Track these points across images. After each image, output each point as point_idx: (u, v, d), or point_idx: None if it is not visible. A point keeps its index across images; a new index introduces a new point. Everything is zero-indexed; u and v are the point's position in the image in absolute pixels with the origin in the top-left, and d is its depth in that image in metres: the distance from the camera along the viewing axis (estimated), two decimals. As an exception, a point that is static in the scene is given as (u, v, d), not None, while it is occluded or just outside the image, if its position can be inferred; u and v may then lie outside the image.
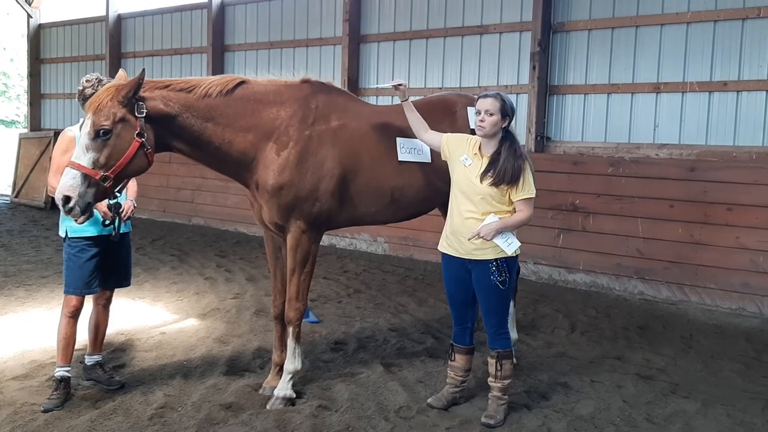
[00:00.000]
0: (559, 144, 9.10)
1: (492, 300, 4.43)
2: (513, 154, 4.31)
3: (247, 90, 4.59)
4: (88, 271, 4.67)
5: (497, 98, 4.34)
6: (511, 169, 4.26)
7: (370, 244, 10.45)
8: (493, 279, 4.34)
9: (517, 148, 4.36)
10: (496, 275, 4.34)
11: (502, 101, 4.33)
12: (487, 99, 4.36)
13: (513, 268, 4.47)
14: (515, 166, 4.27)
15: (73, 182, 3.99)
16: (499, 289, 4.37)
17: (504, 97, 4.37)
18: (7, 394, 4.74)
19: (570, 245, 8.55)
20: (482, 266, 4.37)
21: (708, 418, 4.69)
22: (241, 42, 12.91)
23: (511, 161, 4.28)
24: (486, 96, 4.38)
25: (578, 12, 8.89)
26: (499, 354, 4.50)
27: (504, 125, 4.35)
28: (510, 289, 4.52)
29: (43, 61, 17.17)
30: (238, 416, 4.47)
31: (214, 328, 6.45)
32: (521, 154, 4.34)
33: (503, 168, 4.27)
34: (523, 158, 4.34)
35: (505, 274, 4.35)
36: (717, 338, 6.64)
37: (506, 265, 4.36)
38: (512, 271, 4.45)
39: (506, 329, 4.57)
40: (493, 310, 4.46)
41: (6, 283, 7.90)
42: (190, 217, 13.05)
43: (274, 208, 4.61)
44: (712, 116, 8.00)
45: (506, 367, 4.51)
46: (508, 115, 4.34)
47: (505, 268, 4.36)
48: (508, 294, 4.51)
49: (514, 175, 4.27)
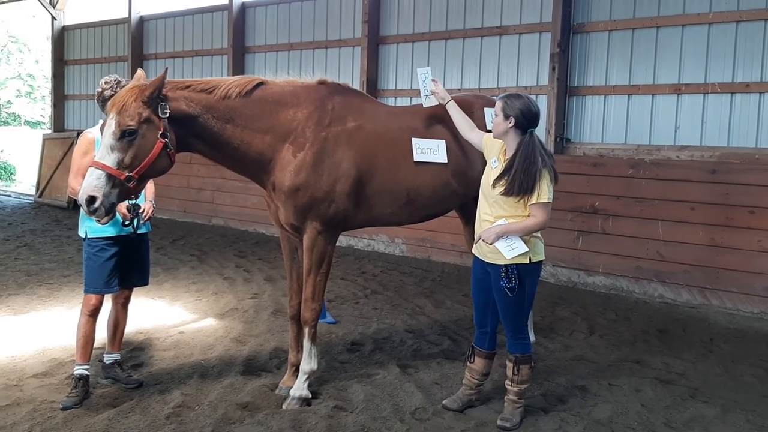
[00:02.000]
0: (579, 146, 9.04)
1: (503, 305, 4.38)
2: (527, 161, 4.15)
3: (265, 91, 4.61)
4: (108, 270, 4.72)
5: (502, 99, 4.29)
6: (523, 180, 4.13)
7: (387, 245, 10.45)
8: (502, 285, 4.28)
9: (533, 154, 4.17)
10: (505, 281, 4.25)
11: (504, 102, 4.26)
12: (497, 101, 4.35)
13: (527, 276, 4.30)
14: (529, 174, 4.13)
15: (98, 182, 4.02)
16: (508, 295, 4.28)
17: (509, 99, 4.27)
18: (27, 391, 4.81)
19: (589, 248, 8.49)
20: (496, 270, 4.32)
21: (727, 423, 4.63)
22: (261, 43, 12.98)
23: (523, 170, 4.14)
24: (498, 98, 4.37)
25: (598, 13, 8.82)
26: (517, 359, 4.46)
27: (510, 125, 4.24)
28: (523, 297, 4.34)
29: (66, 63, 17.39)
30: (254, 416, 4.49)
31: (232, 327, 6.49)
32: (537, 159, 4.16)
33: (513, 179, 4.15)
34: (540, 162, 4.17)
35: (514, 281, 4.23)
36: (738, 342, 6.56)
37: (516, 272, 4.23)
38: (525, 279, 4.29)
39: (524, 335, 4.50)
40: (507, 315, 4.41)
41: (28, 282, 8.01)
42: (210, 218, 13.14)
43: (290, 209, 4.62)
44: (734, 118, 7.90)
45: (523, 372, 4.47)
46: (510, 115, 4.22)
47: (515, 275, 4.23)
48: (521, 301, 4.35)
49: (525, 187, 4.14)
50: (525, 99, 4.30)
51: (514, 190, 4.16)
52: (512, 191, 4.17)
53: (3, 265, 8.87)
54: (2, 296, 7.34)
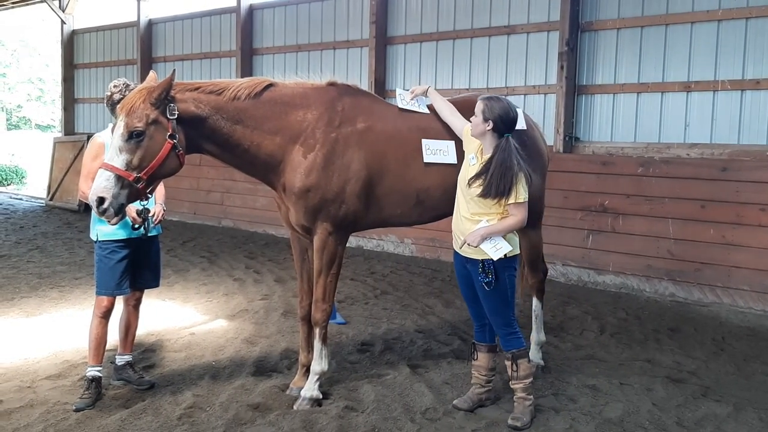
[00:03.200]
0: (588, 144, 9.02)
1: (486, 300, 4.42)
2: (503, 167, 4.22)
3: (275, 93, 4.63)
4: (119, 272, 4.75)
5: (483, 101, 4.33)
6: (500, 182, 4.20)
7: (397, 245, 10.45)
8: (480, 280, 4.34)
9: (510, 159, 4.24)
10: (482, 276, 4.32)
11: (484, 104, 4.30)
12: (478, 100, 4.38)
13: (502, 271, 4.35)
14: (506, 179, 4.20)
15: (106, 183, 4.05)
16: (485, 289, 4.34)
17: (490, 102, 4.30)
18: (40, 393, 4.84)
19: (599, 246, 8.47)
20: (474, 266, 4.39)
21: (739, 422, 4.61)
22: (269, 45, 13.01)
23: (500, 174, 4.21)
24: (480, 98, 4.40)
25: (607, 11, 8.80)
26: (513, 355, 4.49)
27: (488, 128, 4.29)
28: (502, 290, 4.38)
29: (76, 66, 17.50)
30: (265, 416, 4.50)
31: (243, 329, 6.51)
32: (513, 164, 4.23)
33: (490, 182, 4.23)
34: (516, 168, 4.23)
35: (491, 276, 4.30)
36: (749, 341, 6.53)
37: (492, 267, 4.30)
38: (501, 274, 4.34)
39: (514, 329, 4.51)
40: (492, 311, 4.46)
41: (40, 285, 8.06)
42: (220, 219, 13.19)
43: (300, 210, 4.64)
44: (745, 115, 7.86)
45: (523, 367, 4.48)
46: (489, 118, 4.27)
47: (491, 270, 4.30)
48: (503, 294, 4.40)
49: (501, 190, 4.22)
50: (504, 103, 4.35)
51: (491, 192, 4.24)
52: (489, 194, 4.25)
53: (15, 268, 8.94)
54: (15, 299, 7.40)
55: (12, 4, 18.67)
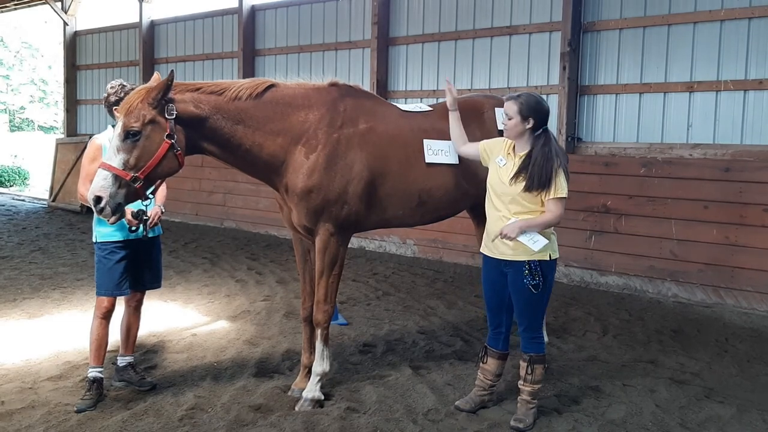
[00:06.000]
0: (591, 145, 9.00)
1: (524, 303, 4.36)
2: (544, 157, 4.21)
3: (276, 93, 4.62)
4: (118, 273, 4.75)
5: (516, 101, 4.29)
6: (542, 173, 4.18)
7: (399, 246, 10.44)
8: (526, 282, 4.27)
9: (551, 150, 4.24)
10: (529, 278, 4.25)
11: (519, 104, 4.27)
12: (507, 102, 4.34)
13: (549, 273, 4.33)
14: (546, 170, 4.18)
15: (104, 183, 4.06)
16: (532, 293, 4.28)
17: (523, 100, 4.28)
18: (42, 394, 4.84)
19: (602, 247, 8.45)
20: (516, 268, 4.31)
21: (743, 423, 4.60)
22: (271, 46, 13.01)
23: (541, 165, 4.19)
24: (508, 99, 4.36)
25: (609, 11, 8.78)
26: (531, 358, 4.45)
27: (529, 126, 4.28)
28: (545, 294, 4.36)
29: (78, 68, 17.51)
30: (267, 418, 4.50)
31: (245, 330, 6.50)
32: (553, 156, 4.22)
33: (533, 173, 4.19)
34: (556, 160, 4.23)
35: (538, 278, 4.25)
36: (753, 342, 6.50)
37: (540, 269, 4.26)
38: (547, 276, 4.31)
39: (540, 334, 4.50)
40: (525, 314, 4.40)
41: (42, 286, 8.06)
42: (222, 221, 13.19)
43: (302, 211, 4.63)
44: (748, 115, 7.83)
45: (537, 372, 4.46)
46: (529, 116, 4.25)
47: (539, 272, 4.25)
48: (542, 298, 4.36)
49: (544, 181, 4.18)
50: (537, 98, 4.35)
51: (534, 184, 4.19)
52: (532, 186, 4.20)
53: (18, 269, 8.94)
54: (17, 300, 7.40)
55: (14, 5, 18.71)
